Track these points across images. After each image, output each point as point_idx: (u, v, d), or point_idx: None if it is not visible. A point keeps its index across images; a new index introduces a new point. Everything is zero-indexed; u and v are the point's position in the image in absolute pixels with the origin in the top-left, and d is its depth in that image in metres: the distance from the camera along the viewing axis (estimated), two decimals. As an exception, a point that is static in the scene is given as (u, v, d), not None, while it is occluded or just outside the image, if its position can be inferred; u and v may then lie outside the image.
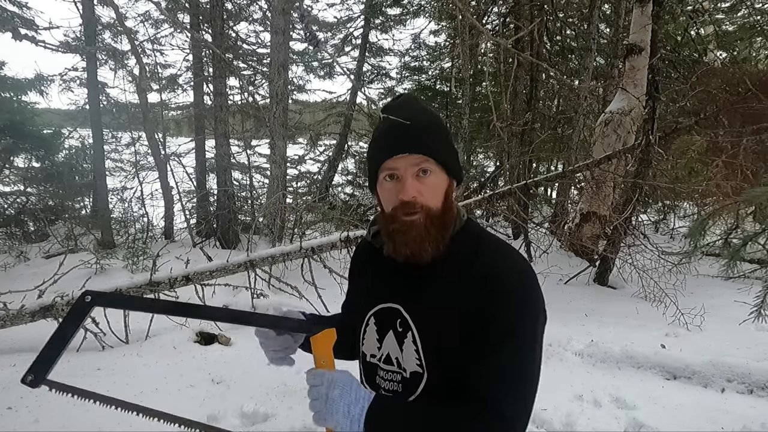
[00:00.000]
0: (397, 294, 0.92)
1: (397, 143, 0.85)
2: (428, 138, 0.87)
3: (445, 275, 0.87)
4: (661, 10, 4.92)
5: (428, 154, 0.85)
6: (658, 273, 4.66)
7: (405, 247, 0.85)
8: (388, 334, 0.92)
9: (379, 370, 0.94)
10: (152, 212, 8.46)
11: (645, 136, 4.79)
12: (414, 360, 0.88)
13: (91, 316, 3.13)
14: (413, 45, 11.14)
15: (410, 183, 0.84)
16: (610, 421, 2.39)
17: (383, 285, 0.94)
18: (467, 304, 0.82)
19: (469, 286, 0.83)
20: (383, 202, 0.90)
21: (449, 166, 0.89)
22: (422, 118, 0.89)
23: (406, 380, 0.90)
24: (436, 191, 0.87)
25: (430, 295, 0.87)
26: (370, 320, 0.95)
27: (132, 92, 8.69)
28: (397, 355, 0.91)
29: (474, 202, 5.23)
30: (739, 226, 5.70)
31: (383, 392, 0.93)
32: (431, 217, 0.85)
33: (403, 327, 0.90)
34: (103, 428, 2.11)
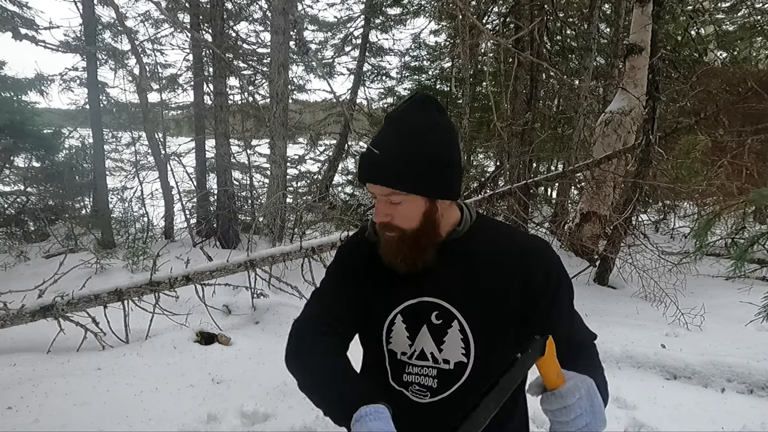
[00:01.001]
0: (430, 287, 0.91)
1: (365, 173, 0.88)
2: (394, 170, 0.84)
3: (482, 261, 0.90)
4: (661, 10, 4.92)
5: (394, 188, 0.85)
6: (658, 273, 4.66)
7: (392, 257, 0.89)
8: (421, 330, 0.92)
9: (408, 366, 0.94)
10: (152, 212, 8.46)
11: (645, 136, 4.79)
12: (459, 350, 0.90)
13: (91, 316, 3.14)
14: (413, 45, 11.14)
15: (379, 209, 0.88)
16: (610, 421, 2.39)
17: (407, 281, 0.92)
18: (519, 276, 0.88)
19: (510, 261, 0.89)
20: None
21: (425, 190, 0.86)
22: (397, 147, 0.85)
23: (445, 372, 0.91)
24: (409, 215, 0.87)
25: (473, 281, 0.90)
26: (396, 318, 0.94)
27: (132, 92, 8.69)
28: (431, 350, 0.91)
29: (474, 202, 5.23)
30: (745, 226, 5.69)
31: (415, 388, 0.93)
32: (406, 236, 0.87)
33: (443, 318, 0.90)
34: (103, 428, 2.11)
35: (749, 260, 5.01)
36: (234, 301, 4.04)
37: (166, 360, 2.88)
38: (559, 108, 9.99)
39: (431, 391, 0.92)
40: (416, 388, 0.93)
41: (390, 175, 0.85)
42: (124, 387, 2.48)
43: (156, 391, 2.48)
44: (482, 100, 10.53)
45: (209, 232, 7.77)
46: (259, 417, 2.39)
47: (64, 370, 2.64)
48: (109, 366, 2.73)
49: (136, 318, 3.28)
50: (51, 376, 2.49)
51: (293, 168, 10.37)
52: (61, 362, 2.77)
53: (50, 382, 2.42)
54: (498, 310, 0.89)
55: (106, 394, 2.38)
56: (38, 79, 6.80)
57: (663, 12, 5.09)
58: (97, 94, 7.44)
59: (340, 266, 1.03)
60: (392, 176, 0.85)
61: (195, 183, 8.41)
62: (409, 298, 0.93)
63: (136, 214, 8.33)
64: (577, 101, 7.38)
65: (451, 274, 0.91)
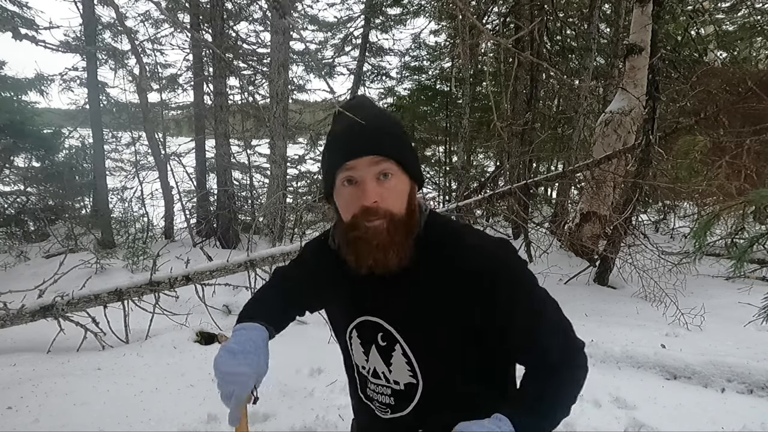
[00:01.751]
0: (375, 307, 0.86)
1: (355, 145, 0.79)
2: (388, 139, 0.81)
3: (428, 277, 0.82)
4: (661, 10, 4.92)
5: (388, 155, 0.79)
6: (658, 273, 4.66)
7: (368, 256, 0.79)
8: (371, 349, 0.88)
9: (368, 383, 0.92)
10: (152, 212, 8.46)
11: (645, 136, 4.79)
12: (406, 372, 0.86)
13: (91, 316, 3.14)
14: (413, 45, 11.15)
15: (371, 187, 0.78)
16: (610, 421, 2.39)
17: (358, 298, 0.88)
18: (466, 298, 0.78)
19: (461, 281, 0.79)
20: (342, 209, 0.83)
21: (411, 169, 0.83)
22: (380, 119, 0.83)
23: (399, 392, 0.88)
24: (398, 195, 0.80)
25: (416, 301, 0.82)
26: (352, 333, 0.91)
27: (132, 92, 8.70)
28: (383, 370, 0.88)
29: (474, 202, 5.23)
30: (744, 226, 5.70)
31: (376, 404, 0.92)
32: (395, 222, 0.79)
33: (387, 341, 0.86)
34: (103, 428, 2.11)
35: (749, 260, 5.01)
36: (234, 301, 4.05)
37: (166, 360, 2.88)
38: (559, 108, 9.99)
39: (390, 408, 0.90)
40: (378, 405, 0.92)
41: (385, 144, 0.80)
42: (124, 387, 2.48)
43: (156, 391, 2.48)
44: (482, 100, 10.53)
45: (209, 232, 7.77)
46: (259, 417, 2.39)
47: (64, 370, 2.64)
48: (109, 366, 2.73)
49: (136, 318, 3.28)
50: (51, 376, 2.49)
51: (293, 168, 10.38)
52: (61, 362, 2.77)
53: (50, 382, 2.42)
54: (446, 332, 0.81)
55: (106, 394, 2.38)
56: (38, 79, 6.81)
57: (663, 12, 5.09)
58: (97, 94, 7.44)
59: (308, 262, 1.01)
60: (387, 145, 0.80)
61: (195, 183, 8.41)
62: (360, 316, 0.89)
63: (136, 214, 8.33)
64: (577, 101, 7.38)
65: (395, 292, 0.83)
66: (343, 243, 0.83)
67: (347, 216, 0.81)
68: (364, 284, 0.85)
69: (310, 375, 2.86)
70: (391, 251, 0.78)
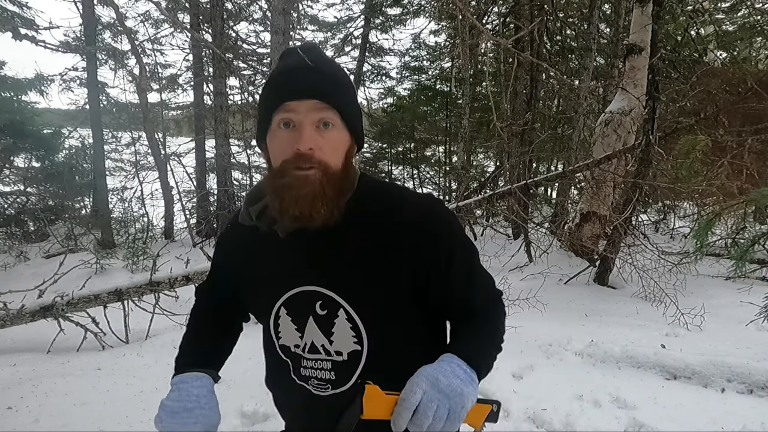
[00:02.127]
0: (310, 274, 0.81)
1: (300, 85, 0.73)
2: (334, 87, 0.76)
3: (365, 234, 0.79)
4: (661, 10, 4.92)
5: (332, 105, 0.74)
6: (658, 273, 4.66)
7: (294, 205, 0.73)
8: (308, 322, 0.82)
9: (303, 360, 0.85)
10: (152, 212, 8.47)
11: (645, 136, 4.79)
12: (350, 339, 0.81)
13: (91, 316, 3.14)
14: (413, 45, 11.16)
15: (309, 132, 0.73)
16: (610, 421, 2.39)
17: (287, 269, 0.83)
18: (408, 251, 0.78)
19: (402, 234, 0.78)
20: (273, 153, 0.77)
21: (353, 125, 0.79)
22: (330, 66, 0.78)
23: (341, 364, 0.83)
24: (336, 148, 0.76)
25: (357, 260, 0.79)
26: (279, 311, 0.85)
27: (132, 92, 8.71)
28: (322, 342, 0.83)
29: (474, 202, 5.23)
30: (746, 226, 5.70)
31: (314, 382, 0.85)
32: (328, 175, 0.74)
33: (327, 308, 0.81)
34: (103, 428, 2.11)
35: (749, 260, 5.02)
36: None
37: (166, 360, 2.88)
38: (559, 108, 9.99)
39: (331, 384, 0.84)
40: (315, 383, 0.85)
41: (331, 91, 0.75)
42: (124, 387, 2.48)
43: (156, 391, 2.47)
44: (482, 100, 10.53)
45: (209, 232, 7.78)
46: (259, 417, 2.38)
47: (64, 370, 2.64)
48: (109, 366, 2.73)
49: (136, 318, 3.28)
50: (51, 376, 2.49)
51: (293, 168, 10.35)
52: (61, 362, 2.77)
53: (50, 382, 2.42)
54: (388, 293, 0.80)
55: (106, 394, 2.38)
56: (38, 79, 6.81)
57: (663, 12, 5.09)
58: (97, 94, 7.45)
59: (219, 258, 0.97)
60: (333, 93, 0.75)
61: (195, 183, 8.41)
62: (291, 288, 0.82)
63: (136, 214, 8.34)
64: (577, 101, 7.38)
65: (333, 255, 0.80)
66: (270, 189, 0.77)
67: (278, 161, 0.75)
68: (294, 253, 0.81)
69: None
70: (320, 203, 0.74)
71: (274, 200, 0.76)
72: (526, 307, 4.11)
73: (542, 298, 4.23)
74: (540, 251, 5.78)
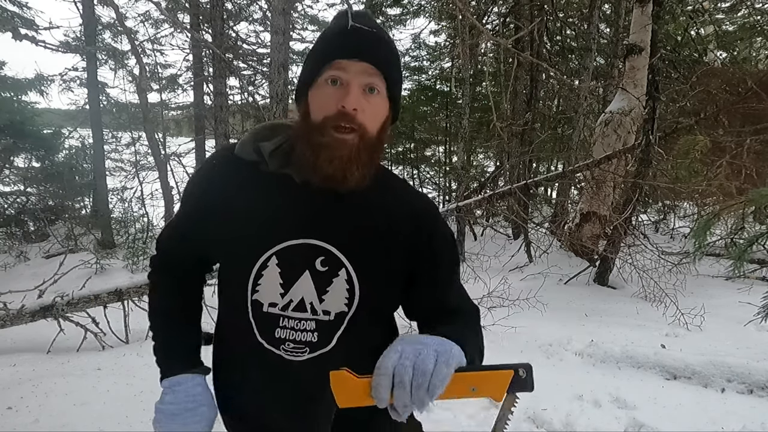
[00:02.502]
0: (317, 228, 0.78)
1: (356, 45, 0.74)
2: (388, 55, 0.77)
3: (379, 205, 0.81)
4: (661, 10, 4.92)
5: (383, 71, 0.75)
6: (658, 273, 4.66)
7: (329, 164, 0.73)
8: (302, 277, 0.78)
9: (282, 320, 0.79)
10: (152, 212, 8.46)
11: (645, 136, 4.79)
12: (343, 300, 0.79)
13: (91, 316, 3.14)
14: (413, 45, 11.15)
15: (356, 93, 0.73)
16: (610, 421, 2.39)
17: (290, 217, 0.79)
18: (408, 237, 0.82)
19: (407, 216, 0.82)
20: (315, 107, 0.75)
21: (395, 96, 0.80)
22: (385, 34, 0.79)
23: (325, 324, 0.80)
24: (377, 115, 0.76)
25: (367, 226, 0.80)
26: (269, 261, 0.78)
27: (132, 92, 8.70)
28: (312, 300, 0.79)
29: (474, 202, 5.23)
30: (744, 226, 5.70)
31: (289, 346, 0.80)
32: (365, 140, 0.74)
33: (329, 265, 0.78)
34: (103, 428, 2.11)
35: (749, 260, 5.02)
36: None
37: (166, 360, 2.88)
38: (559, 108, 9.99)
39: (310, 346, 0.80)
40: (291, 346, 0.80)
41: (384, 58, 0.76)
42: (124, 387, 2.47)
43: (156, 392, 2.48)
44: (482, 100, 10.53)
45: (209, 232, 7.77)
46: (259, 417, 2.38)
47: (64, 370, 2.64)
48: (109, 366, 2.73)
49: (136, 318, 3.27)
50: (51, 376, 2.49)
51: (293, 168, 10.36)
52: (61, 362, 2.77)
53: (50, 382, 2.41)
54: (386, 264, 0.81)
55: (106, 394, 2.38)
56: (38, 79, 6.80)
57: (663, 12, 5.09)
58: (97, 94, 7.44)
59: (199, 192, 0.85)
60: (386, 60, 0.76)
61: (195, 183, 8.40)
62: (290, 238, 0.78)
63: (136, 214, 8.33)
64: (577, 101, 7.38)
65: (345, 216, 0.79)
66: (305, 145, 0.75)
67: (318, 116, 0.74)
68: (303, 203, 0.78)
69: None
70: (355, 166, 0.74)
71: (308, 155, 0.75)
72: (526, 307, 4.11)
73: (542, 298, 4.23)
74: (540, 251, 5.78)
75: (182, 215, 0.89)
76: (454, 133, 10.49)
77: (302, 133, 0.77)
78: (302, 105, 0.79)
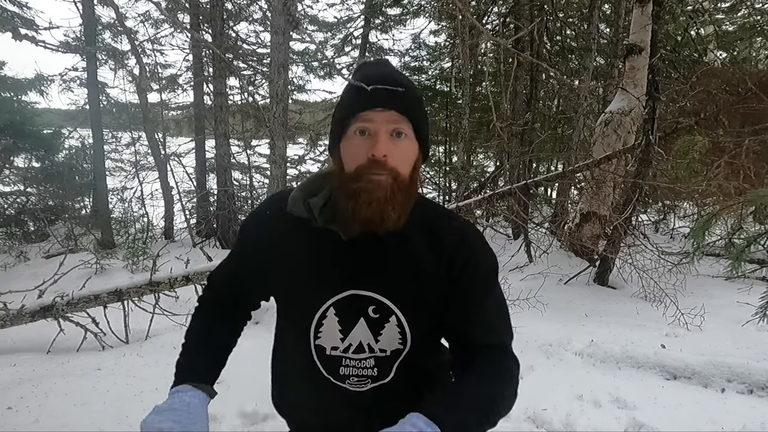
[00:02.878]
0: (365, 280, 0.84)
1: (378, 96, 0.78)
2: (409, 100, 0.81)
3: (417, 248, 0.84)
4: (661, 10, 4.92)
5: (407, 116, 0.79)
6: (658, 273, 4.66)
7: (367, 207, 0.77)
8: (357, 324, 0.86)
9: (344, 360, 0.88)
10: (152, 212, 8.47)
11: (645, 136, 4.79)
12: (396, 341, 0.86)
13: (91, 316, 3.14)
14: (413, 45, 11.15)
15: (384, 140, 0.77)
16: (610, 421, 2.39)
17: (340, 271, 0.85)
18: (450, 270, 0.84)
19: (448, 254, 0.84)
20: (347, 158, 0.80)
21: (422, 136, 0.83)
22: (404, 79, 0.83)
23: (384, 359, 0.87)
24: (407, 157, 0.80)
25: (409, 270, 0.84)
26: (327, 312, 0.86)
27: (132, 92, 8.70)
28: (369, 341, 0.86)
29: (474, 202, 5.23)
30: (742, 226, 5.70)
31: (353, 380, 0.88)
32: (399, 182, 0.78)
33: (380, 312, 0.85)
34: (103, 428, 2.11)
35: (748, 260, 5.02)
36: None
37: (166, 360, 2.88)
38: (559, 108, 9.99)
39: (372, 379, 0.89)
40: (354, 380, 0.89)
41: (406, 103, 0.80)
42: (124, 387, 2.48)
43: (156, 391, 2.47)
44: (482, 100, 10.53)
45: (209, 232, 7.78)
46: (259, 417, 2.39)
47: (64, 370, 2.64)
48: (109, 366, 2.73)
49: (136, 318, 3.28)
50: (51, 376, 2.49)
51: (293, 168, 10.37)
52: (61, 362, 2.77)
53: (50, 382, 2.42)
54: (432, 302, 0.85)
55: (106, 394, 2.38)
56: (38, 79, 6.80)
57: (663, 12, 5.09)
58: (97, 94, 7.44)
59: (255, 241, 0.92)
60: (407, 105, 0.80)
61: (195, 183, 8.41)
62: (343, 290, 0.85)
63: (136, 214, 8.34)
64: (577, 101, 7.38)
65: (390, 264, 0.84)
66: (343, 194, 0.80)
67: (352, 167, 0.79)
68: (351, 256, 0.84)
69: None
70: (391, 207, 0.78)
71: (346, 202, 0.79)
72: (526, 307, 4.11)
73: (542, 298, 4.23)
74: (540, 251, 5.78)
75: (239, 263, 0.97)
76: (454, 133, 10.50)
77: (339, 184, 0.82)
78: (336, 158, 0.84)
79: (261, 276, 0.91)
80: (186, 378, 0.88)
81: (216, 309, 0.98)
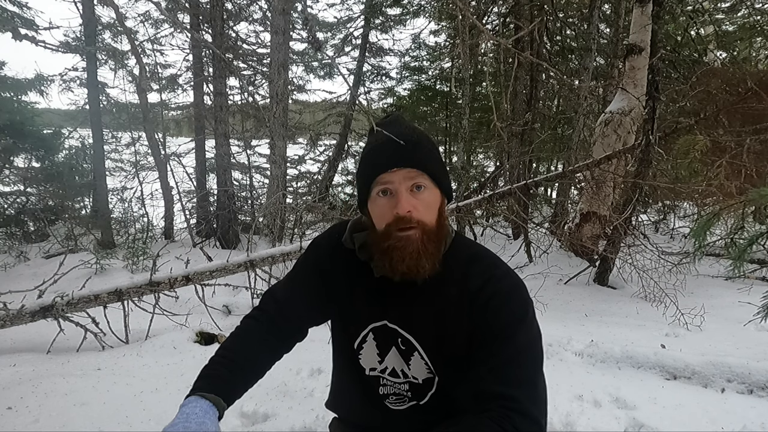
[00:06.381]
0: (394, 315, 0.91)
1: (392, 157, 0.84)
2: (422, 153, 0.86)
3: (444, 292, 0.88)
4: (661, 10, 4.91)
5: (422, 169, 0.85)
6: (658, 273, 4.66)
7: (402, 263, 0.83)
8: (391, 351, 0.93)
9: (383, 380, 0.96)
10: (152, 212, 8.47)
11: (645, 136, 4.78)
12: (425, 370, 0.92)
13: (91, 316, 3.14)
14: (413, 45, 11.15)
15: (405, 197, 0.83)
16: (610, 421, 2.39)
17: (376, 303, 0.92)
18: (471, 315, 0.86)
19: (469, 298, 0.86)
20: (376, 218, 0.87)
21: (442, 182, 0.88)
22: (415, 134, 0.88)
23: (417, 385, 0.94)
24: (430, 207, 0.86)
25: (435, 313, 0.88)
26: (367, 336, 0.94)
27: (132, 92, 8.70)
28: (402, 368, 0.93)
29: (474, 202, 5.23)
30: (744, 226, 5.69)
31: (392, 399, 0.96)
32: (427, 232, 0.84)
33: (407, 346, 0.91)
34: (103, 428, 2.11)
35: (748, 260, 5.01)
36: (234, 302, 4.05)
37: (165, 360, 2.88)
38: (559, 108, 9.99)
39: (408, 398, 0.95)
40: (393, 399, 0.96)
41: (419, 158, 0.85)
42: (124, 387, 2.47)
43: (156, 392, 2.47)
44: (482, 100, 10.53)
45: (209, 232, 7.77)
46: (259, 417, 2.38)
47: (64, 370, 2.64)
48: (109, 366, 2.73)
49: (136, 318, 3.28)
50: (51, 376, 2.49)
51: (293, 168, 10.39)
52: (61, 362, 2.77)
53: (50, 382, 2.41)
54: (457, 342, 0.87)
55: (106, 394, 2.38)
56: (38, 80, 6.80)
57: (663, 12, 5.08)
58: (97, 94, 7.44)
59: (314, 263, 1.00)
60: (421, 159, 0.85)
61: (195, 183, 8.41)
62: (378, 320, 0.92)
63: (136, 214, 8.34)
64: (577, 101, 7.38)
65: (417, 306, 0.89)
66: (378, 252, 0.86)
67: (381, 225, 0.85)
68: (382, 291, 0.90)
69: (310, 375, 2.85)
70: (424, 259, 0.83)
71: (383, 261, 0.85)
72: (526, 307, 4.10)
73: (542, 298, 4.23)
74: (540, 251, 5.78)
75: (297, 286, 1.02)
76: (454, 133, 10.50)
77: (373, 241, 0.88)
78: (367, 215, 0.91)
79: (316, 299, 0.99)
80: (197, 388, 0.86)
81: (260, 327, 1.00)
